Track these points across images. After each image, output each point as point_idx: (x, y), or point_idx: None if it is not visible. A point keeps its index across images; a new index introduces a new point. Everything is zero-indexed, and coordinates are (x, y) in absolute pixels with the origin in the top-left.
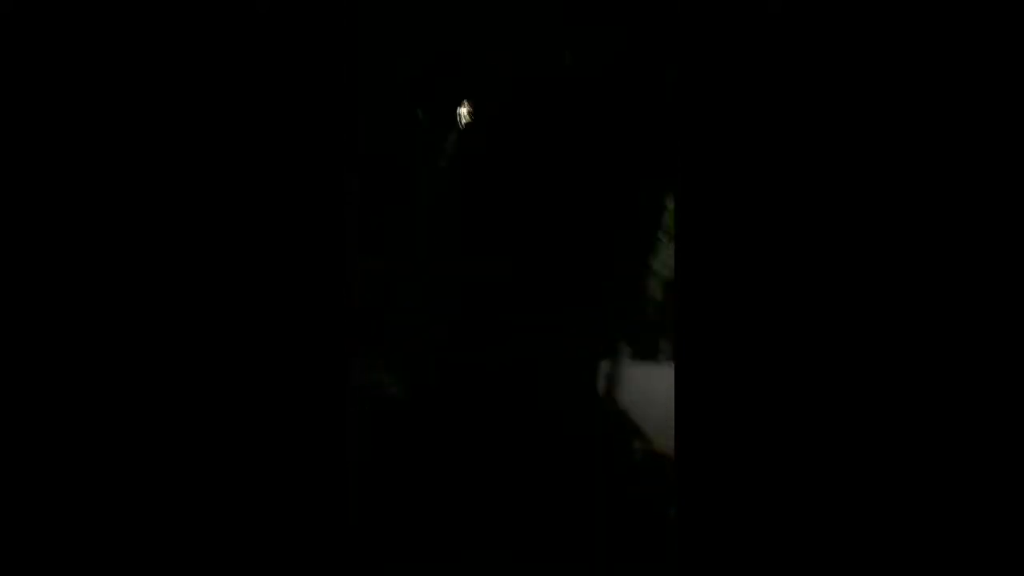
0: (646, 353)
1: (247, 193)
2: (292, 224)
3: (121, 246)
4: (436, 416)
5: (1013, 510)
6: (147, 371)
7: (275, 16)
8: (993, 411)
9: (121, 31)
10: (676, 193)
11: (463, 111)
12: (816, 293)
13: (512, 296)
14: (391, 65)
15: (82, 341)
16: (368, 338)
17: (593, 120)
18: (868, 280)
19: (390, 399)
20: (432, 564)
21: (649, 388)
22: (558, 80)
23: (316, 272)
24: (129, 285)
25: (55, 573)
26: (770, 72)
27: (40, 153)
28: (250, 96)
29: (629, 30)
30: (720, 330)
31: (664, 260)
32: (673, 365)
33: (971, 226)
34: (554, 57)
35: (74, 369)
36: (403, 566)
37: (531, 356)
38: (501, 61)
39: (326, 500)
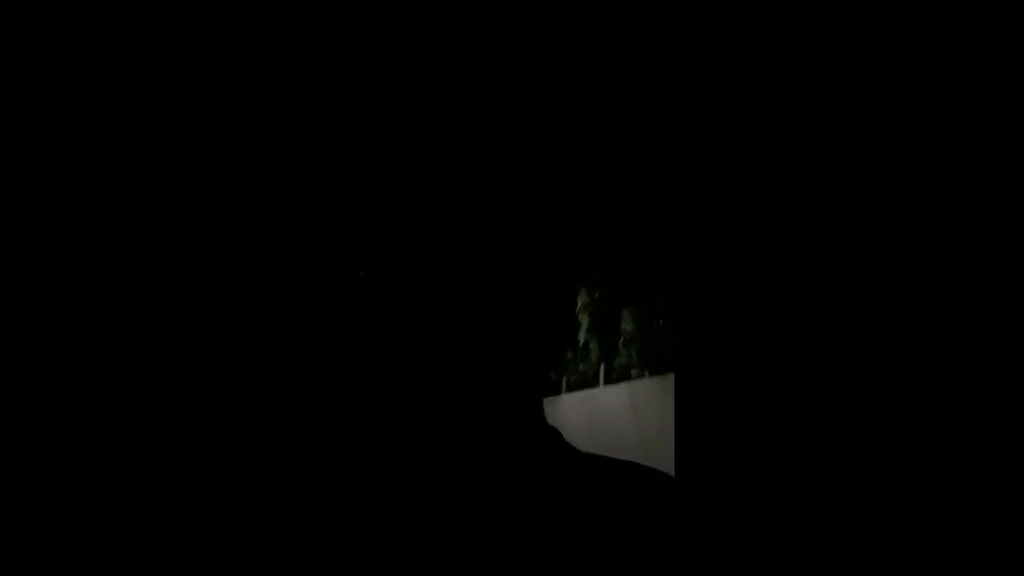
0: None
1: (246, 197)
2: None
3: (121, 250)
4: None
5: (1015, 512)
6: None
7: (275, 16)
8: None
9: (121, 32)
10: (672, 220)
11: None
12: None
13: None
14: None
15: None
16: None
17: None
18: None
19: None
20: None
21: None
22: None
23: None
24: (129, 285)
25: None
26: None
27: (42, 154)
28: (249, 99)
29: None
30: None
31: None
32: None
33: (969, 241)
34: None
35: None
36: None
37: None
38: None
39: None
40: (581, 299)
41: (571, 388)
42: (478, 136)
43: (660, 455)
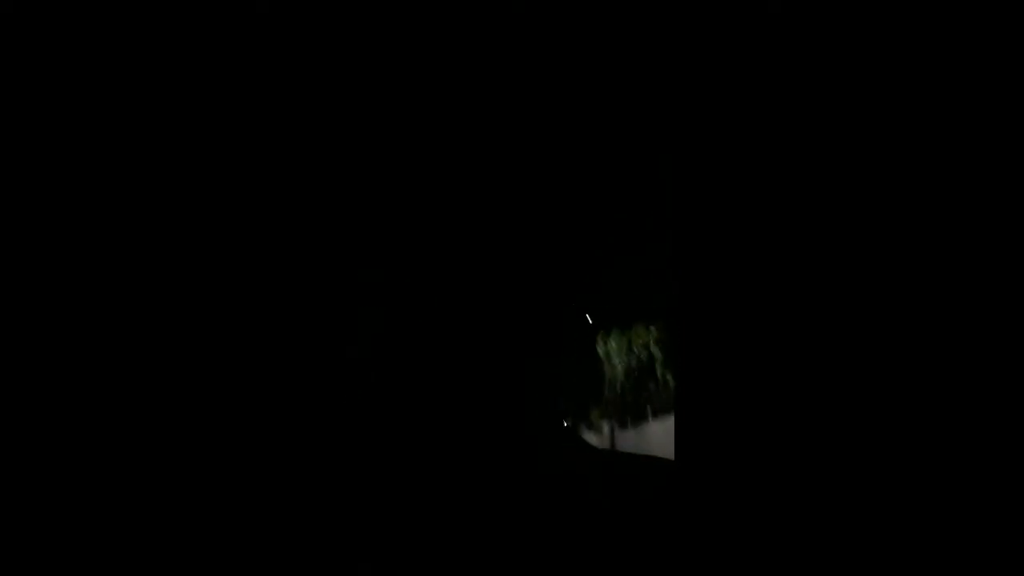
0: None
1: (249, 197)
2: (297, 232)
3: (122, 247)
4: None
5: (1010, 510)
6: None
7: (275, 16)
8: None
9: (122, 32)
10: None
11: None
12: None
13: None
14: None
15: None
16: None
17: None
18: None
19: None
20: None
21: None
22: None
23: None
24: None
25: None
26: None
27: (42, 154)
28: (250, 98)
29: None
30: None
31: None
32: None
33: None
34: None
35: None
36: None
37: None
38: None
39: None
40: (652, 336)
41: (655, 416)
42: (478, 137)
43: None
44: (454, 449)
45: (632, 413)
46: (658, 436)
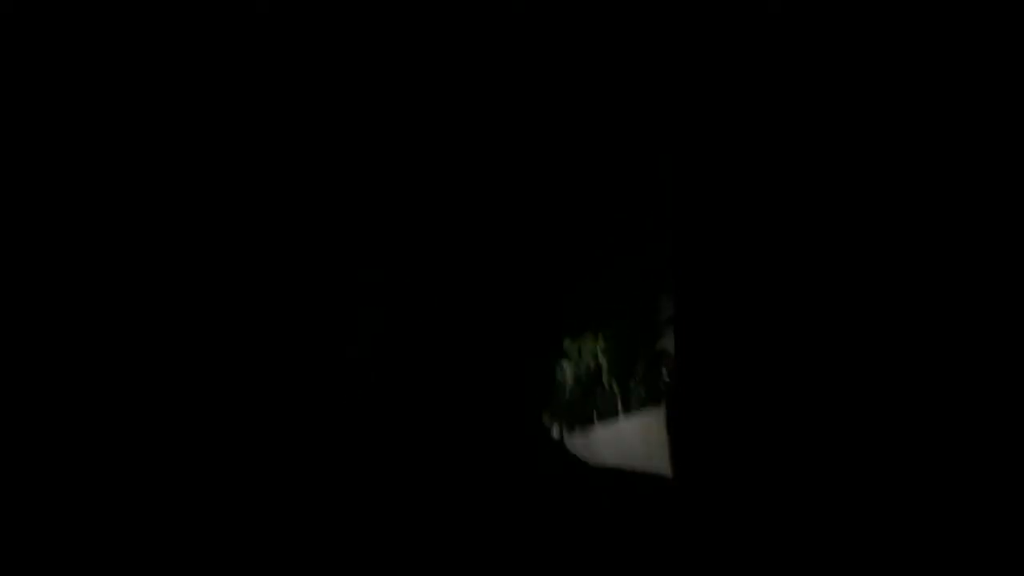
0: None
1: (248, 197)
2: (296, 231)
3: (122, 248)
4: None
5: (1009, 511)
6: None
7: (275, 16)
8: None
9: (122, 32)
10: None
11: None
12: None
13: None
14: None
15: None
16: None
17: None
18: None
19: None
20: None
21: None
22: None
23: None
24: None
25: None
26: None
27: (42, 154)
28: (250, 97)
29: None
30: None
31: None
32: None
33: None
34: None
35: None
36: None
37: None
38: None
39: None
40: (600, 344)
41: (600, 418)
42: (478, 138)
43: (662, 465)
44: (454, 449)
45: (580, 419)
46: (603, 443)
